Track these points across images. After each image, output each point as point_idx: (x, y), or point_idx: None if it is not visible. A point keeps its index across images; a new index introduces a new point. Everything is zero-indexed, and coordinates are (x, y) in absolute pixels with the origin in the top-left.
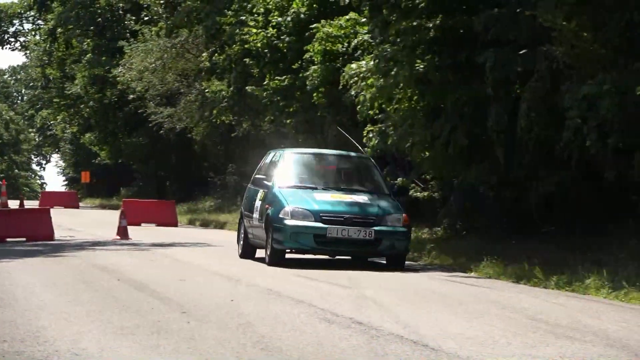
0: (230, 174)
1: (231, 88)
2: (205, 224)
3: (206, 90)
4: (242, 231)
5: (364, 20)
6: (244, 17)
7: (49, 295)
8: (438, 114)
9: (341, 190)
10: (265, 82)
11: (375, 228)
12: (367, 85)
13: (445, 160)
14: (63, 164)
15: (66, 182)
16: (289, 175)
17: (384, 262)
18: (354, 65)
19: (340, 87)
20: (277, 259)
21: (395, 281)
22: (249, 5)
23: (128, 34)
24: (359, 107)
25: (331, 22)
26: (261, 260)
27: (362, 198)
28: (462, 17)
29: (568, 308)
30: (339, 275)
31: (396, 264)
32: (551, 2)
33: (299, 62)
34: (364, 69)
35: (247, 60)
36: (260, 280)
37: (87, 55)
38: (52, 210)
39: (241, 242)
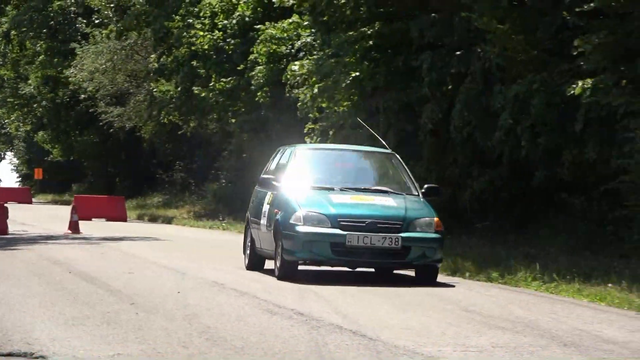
0: (177, 171)
1: (178, 89)
2: (153, 219)
3: (154, 91)
4: (248, 240)
5: (306, 23)
6: (191, 21)
7: (3, 288)
8: (378, 113)
9: (362, 191)
10: (211, 84)
11: (403, 235)
12: (309, 85)
13: None
14: (17, 161)
15: (20, 179)
16: (301, 175)
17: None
18: (297, 62)
19: (287, 92)
20: (288, 272)
21: (335, 275)
22: (196, 10)
23: (79, 37)
24: (299, 104)
25: (275, 24)
26: (270, 272)
27: (386, 200)
28: (399, 24)
29: (500, 300)
30: None
31: (427, 277)
32: (487, 2)
33: (244, 63)
34: (305, 70)
35: (194, 62)
36: (205, 273)
37: (40, 57)
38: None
39: (247, 252)
